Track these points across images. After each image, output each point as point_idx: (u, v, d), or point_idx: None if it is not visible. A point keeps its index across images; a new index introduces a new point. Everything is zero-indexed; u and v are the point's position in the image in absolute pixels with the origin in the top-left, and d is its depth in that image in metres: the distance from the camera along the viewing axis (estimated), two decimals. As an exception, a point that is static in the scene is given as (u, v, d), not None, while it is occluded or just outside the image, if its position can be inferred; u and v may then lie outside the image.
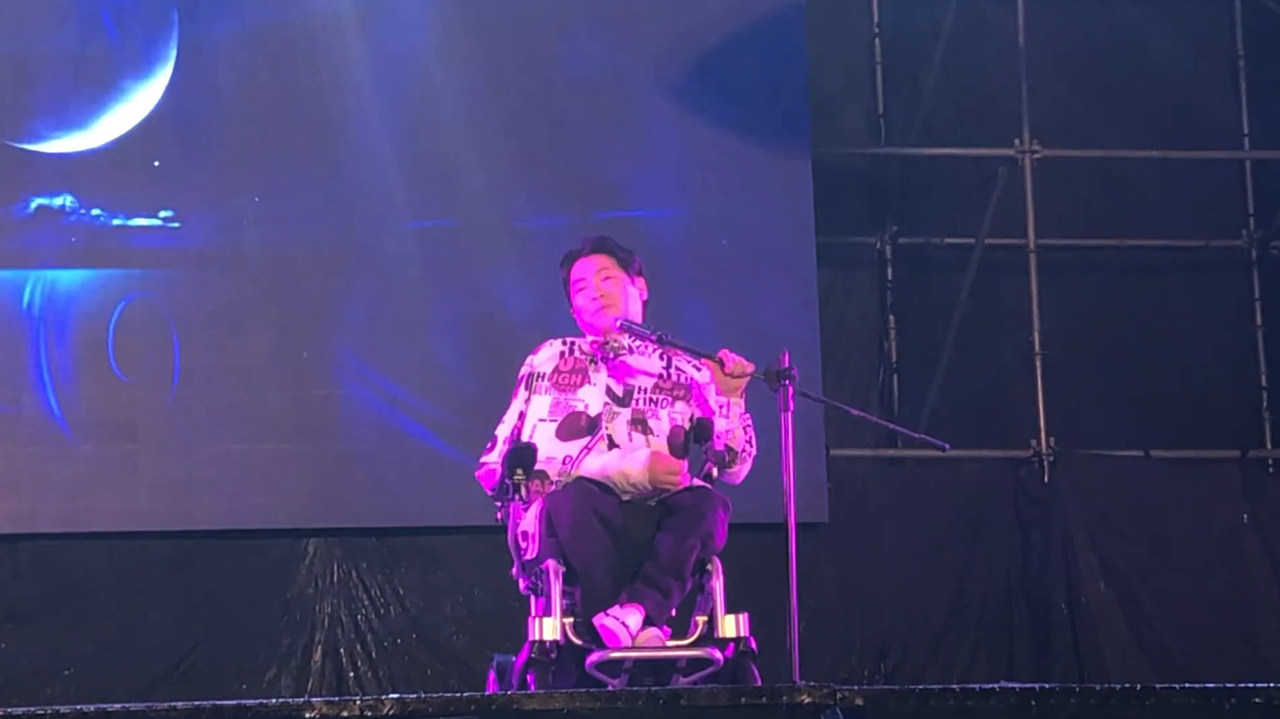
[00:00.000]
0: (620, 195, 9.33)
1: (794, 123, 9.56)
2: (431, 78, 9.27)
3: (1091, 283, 10.23)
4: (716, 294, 9.31)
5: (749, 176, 9.49)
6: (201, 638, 9.07)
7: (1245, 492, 10.09)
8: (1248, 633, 9.78)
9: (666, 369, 6.49)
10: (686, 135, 9.46)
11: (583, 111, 9.40)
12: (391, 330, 9.18)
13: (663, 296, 7.71)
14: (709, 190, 9.47)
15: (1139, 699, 5.24)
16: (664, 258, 9.02)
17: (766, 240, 9.50)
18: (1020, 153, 9.96)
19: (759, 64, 9.54)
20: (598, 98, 9.42)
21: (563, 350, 6.52)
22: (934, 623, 9.71)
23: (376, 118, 9.22)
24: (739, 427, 6.36)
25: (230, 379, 9.03)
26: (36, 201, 8.99)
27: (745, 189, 9.49)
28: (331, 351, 9.14)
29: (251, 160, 9.15)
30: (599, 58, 9.42)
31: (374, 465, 9.08)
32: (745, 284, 9.41)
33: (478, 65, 9.33)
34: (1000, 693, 5.24)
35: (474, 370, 9.04)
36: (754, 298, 9.37)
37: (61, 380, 8.91)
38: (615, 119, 9.43)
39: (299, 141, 9.19)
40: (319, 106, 9.21)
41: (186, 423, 8.97)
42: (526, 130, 9.35)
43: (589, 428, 6.35)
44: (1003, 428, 10.03)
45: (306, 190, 9.17)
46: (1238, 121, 10.41)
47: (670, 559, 6.05)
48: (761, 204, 9.51)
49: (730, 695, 5.18)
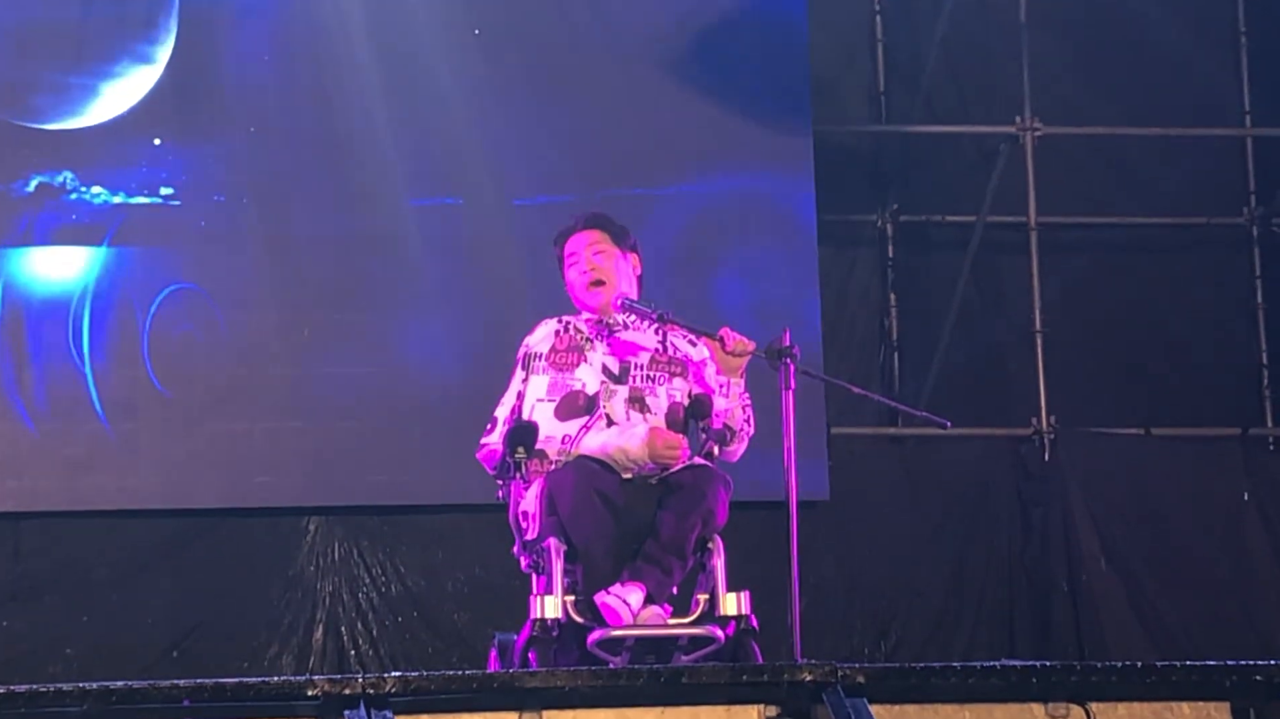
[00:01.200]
0: (622, 173, 9.31)
1: (795, 101, 9.55)
2: (433, 56, 9.24)
3: (1092, 260, 10.22)
4: (717, 272, 9.31)
5: (750, 154, 9.47)
6: (203, 616, 9.07)
7: (1246, 469, 10.09)
8: (1248, 611, 9.78)
9: (662, 344, 6.49)
10: (687, 113, 9.44)
11: (584, 90, 9.38)
12: (392, 308, 9.18)
13: (664, 274, 7.72)
14: (710, 168, 9.46)
15: (1139, 677, 5.25)
16: (665, 236, 9.03)
17: (767, 218, 9.48)
18: (1021, 130, 9.95)
19: (760, 41, 9.53)
20: (599, 77, 9.40)
21: (558, 329, 6.52)
22: (935, 601, 9.71)
23: (379, 95, 9.20)
24: (738, 406, 6.36)
25: (231, 357, 9.03)
26: (36, 179, 8.97)
27: (746, 167, 9.48)
28: (333, 329, 9.13)
29: (252, 138, 9.13)
30: (601, 36, 9.41)
31: (375, 443, 9.08)
32: (746, 262, 9.40)
33: (479, 42, 9.30)
34: (1001, 671, 5.25)
35: (475, 349, 9.02)
36: (755, 276, 9.37)
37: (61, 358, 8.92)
38: (617, 97, 9.41)
39: (300, 119, 9.17)
40: (320, 83, 9.19)
41: (188, 401, 8.97)
42: (528, 108, 9.33)
43: (587, 407, 6.35)
44: (1004, 406, 10.03)
45: (307, 168, 9.16)
46: (1239, 99, 10.40)
47: (671, 537, 6.05)
48: (763, 182, 9.49)
49: (731, 673, 5.19)
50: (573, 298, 6.53)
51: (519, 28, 9.38)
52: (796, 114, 9.53)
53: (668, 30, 9.50)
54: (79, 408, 8.89)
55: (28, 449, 8.88)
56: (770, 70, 9.55)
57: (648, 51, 9.46)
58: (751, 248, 9.44)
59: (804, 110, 9.56)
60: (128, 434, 8.94)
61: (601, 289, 6.44)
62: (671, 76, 9.45)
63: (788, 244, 9.49)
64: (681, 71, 9.46)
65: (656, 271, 6.66)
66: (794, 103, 9.54)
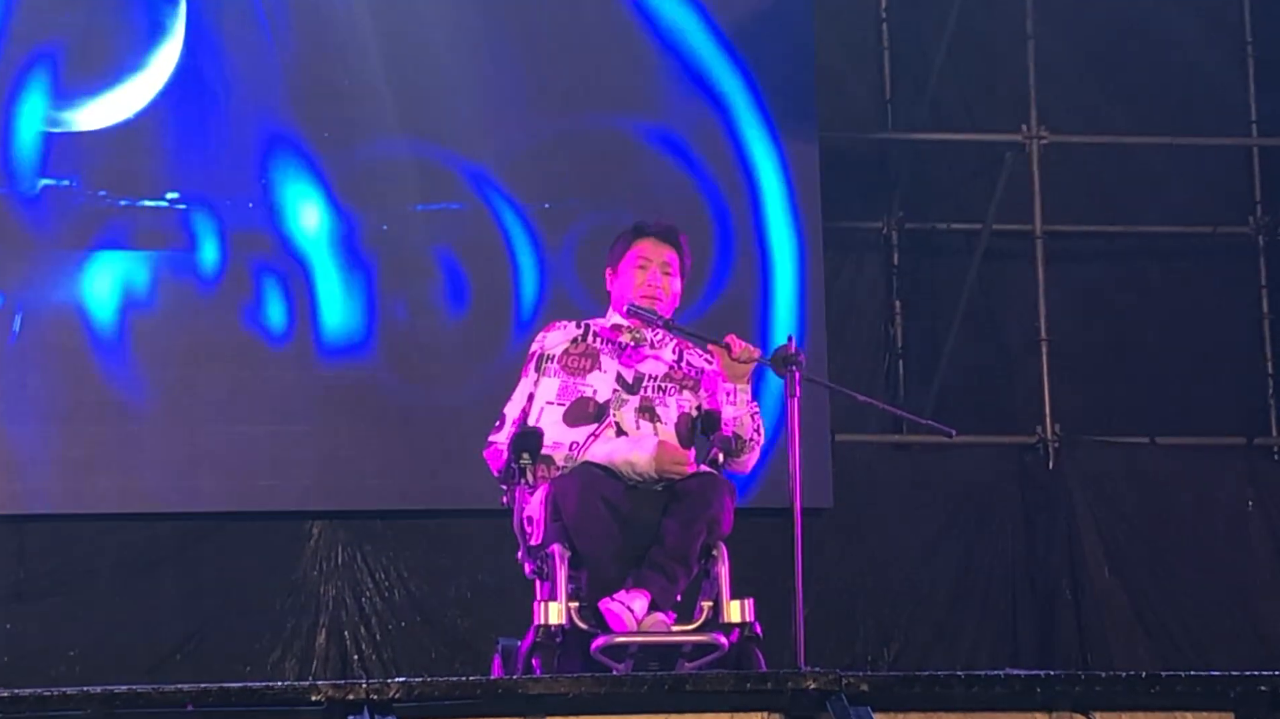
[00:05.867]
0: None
1: (801, 106, 9.55)
2: (444, 58, 9.25)
3: (1098, 269, 10.22)
4: (722, 278, 9.31)
5: (756, 160, 9.47)
6: (206, 619, 9.07)
7: (1251, 478, 10.09)
8: (1253, 620, 9.78)
9: (678, 361, 6.48)
10: (694, 119, 9.45)
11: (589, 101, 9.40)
12: (396, 310, 9.18)
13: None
14: (715, 174, 9.46)
15: (1144, 686, 5.25)
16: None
17: (772, 224, 9.48)
18: (1027, 138, 9.95)
19: (766, 47, 9.53)
20: (606, 83, 9.41)
21: (575, 335, 6.50)
22: (939, 609, 9.71)
23: (389, 101, 9.21)
24: (746, 414, 6.35)
25: (235, 360, 9.03)
26: (42, 182, 8.98)
27: (752, 172, 9.48)
28: (337, 332, 9.13)
29: (257, 142, 9.14)
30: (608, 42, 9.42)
31: (379, 448, 9.08)
32: (752, 268, 9.40)
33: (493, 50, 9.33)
34: (1005, 679, 5.24)
35: (480, 352, 9.03)
36: (760, 282, 9.37)
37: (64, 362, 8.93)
38: (626, 108, 9.41)
39: (306, 123, 9.17)
40: (327, 88, 9.20)
41: (192, 404, 8.97)
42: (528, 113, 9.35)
43: (597, 414, 6.35)
44: (1008, 414, 10.03)
45: (313, 171, 9.16)
46: (1246, 107, 10.40)
47: (676, 544, 6.05)
48: (768, 187, 9.50)
49: (735, 681, 5.18)
50: (614, 295, 6.50)
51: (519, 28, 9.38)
52: (803, 120, 9.53)
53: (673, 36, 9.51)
54: (82, 410, 8.89)
55: (31, 451, 8.88)
56: (777, 75, 9.55)
57: (658, 57, 9.47)
58: (757, 254, 9.44)
59: (810, 116, 9.56)
60: (131, 437, 8.94)
61: (654, 304, 6.42)
62: (679, 81, 9.46)
63: (793, 250, 9.48)
64: (689, 76, 9.46)
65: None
66: (800, 109, 9.54)
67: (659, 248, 6.46)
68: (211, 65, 9.10)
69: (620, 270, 6.48)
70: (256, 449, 9.01)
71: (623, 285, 6.45)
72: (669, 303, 6.44)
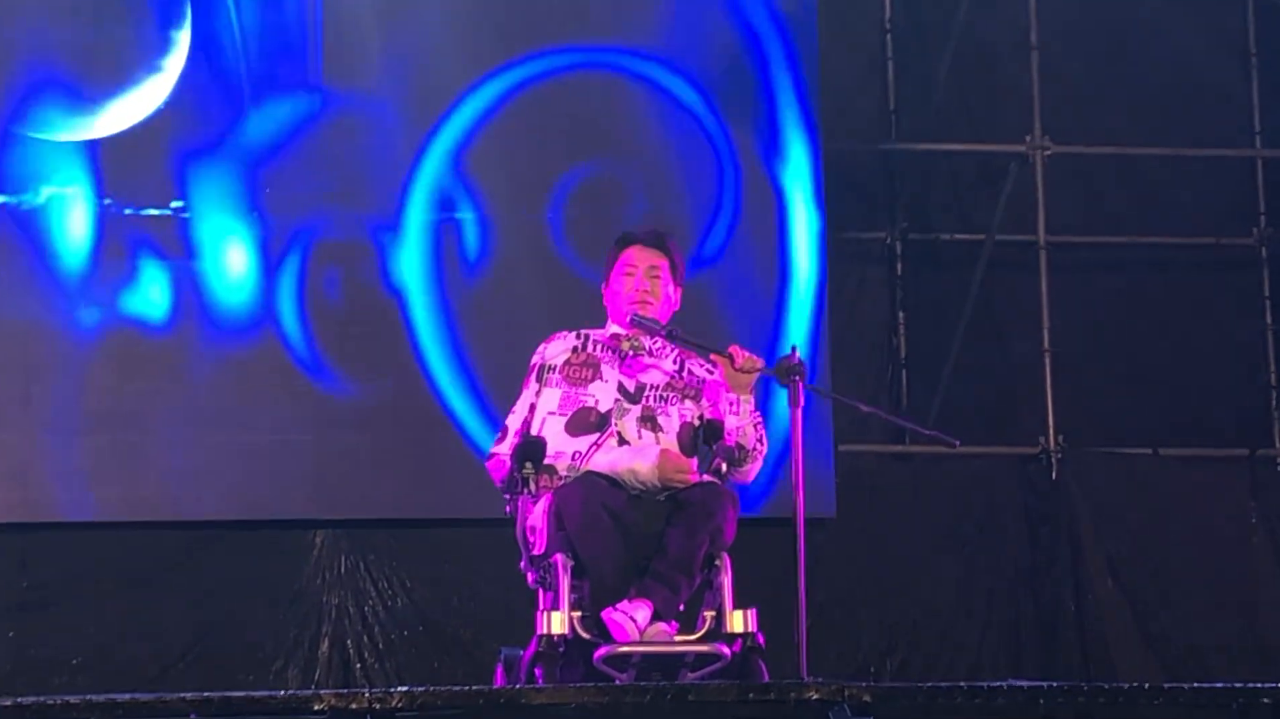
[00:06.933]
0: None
1: (805, 117, 9.56)
2: (452, 75, 9.27)
3: (1102, 280, 10.22)
4: (725, 288, 9.31)
5: (759, 170, 9.48)
6: (209, 628, 9.07)
7: (1254, 490, 10.08)
8: (1256, 631, 9.78)
9: (679, 371, 6.49)
10: (695, 129, 9.46)
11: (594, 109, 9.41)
12: (399, 321, 9.18)
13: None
14: (718, 184, 9.48)
15: (1146, 698, 5.25)
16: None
17: (776, 235, 9.49)
18: (1031, 149, 9.95)
19: (771, 58, 9.54)
20: (606, 99, 9.42)
21: (575, 345, 6.51)
22: (941, 620, 9.70)
23: (392, 109, 9.22)
24: (749, 424, 6.36)
25: (239, 369, 9.03)
26: (47, 190, 8.99)
27: (755, 183, 9.49)
28: (341, 342, 9.14)
29: (262, 150, 9.15)
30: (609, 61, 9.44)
31: (382, 457, 9.08)
32: (754, 278, 9.41)
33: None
34: (1008, 691, 5.25)
35: (484, 362, 9.04)
36: (763, 293, 9.38)
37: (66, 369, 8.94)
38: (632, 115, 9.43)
39: (311, 132, 9.18)
40: (332, 97, 9.21)
41: (195, 413, 8.97)
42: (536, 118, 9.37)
43: (599, 424, 6.35)
44: (1012, 425, 10.02)
45: (316, 179, 9.17)
46: (1249, 119, 10.39)
47: (679, 554, 6.05)
48: (772, 198, 9.50)
49: (738, 691, 5.19)
50: (610, 303, 6.52)
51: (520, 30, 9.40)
52: (807, 131, 9.53)
53: (679, 47, 9.51)
54: (86, 419, 8.89)
55: (34, 460, 8.89)
56: (781, 87, 9.56)
57: (659, 67, 9.47)
58: (760, 264, 9.45)
59: (814, 127, 9.57)
60: (134, 446, 8.94)
61: (643, 309, 6.43)
62: (682, 92, 9.47)
63: (796, 260, 9.49)
64: (691, 87, 9.47)
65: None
66: (804, 119, 9.55)
67: (644, 253, 6.50)
68: (216, 78, 9.12)
69: (611, 280, 6.53)
70: (260, 459, 9.01)
71: (613, 294, 6.50)
72: (660, 306, 6.46)
